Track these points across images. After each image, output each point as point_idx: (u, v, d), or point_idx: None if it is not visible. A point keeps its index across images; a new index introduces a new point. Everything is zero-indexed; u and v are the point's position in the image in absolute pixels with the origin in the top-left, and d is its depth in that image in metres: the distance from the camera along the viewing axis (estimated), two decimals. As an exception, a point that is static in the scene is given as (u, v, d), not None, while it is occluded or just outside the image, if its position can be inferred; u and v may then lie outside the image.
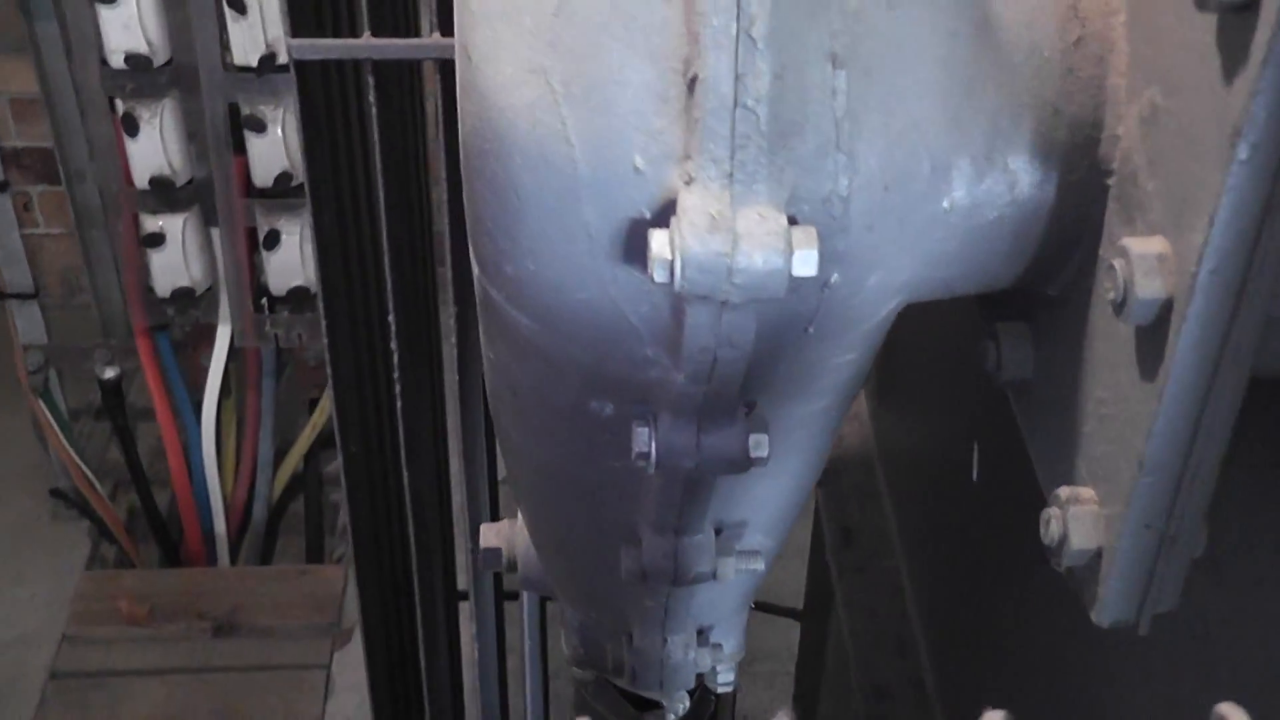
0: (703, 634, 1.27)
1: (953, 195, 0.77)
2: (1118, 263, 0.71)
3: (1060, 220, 0.79)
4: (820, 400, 0.92)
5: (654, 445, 0.89)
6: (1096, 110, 0.77)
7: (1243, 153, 0.64)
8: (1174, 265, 0.70)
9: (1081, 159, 0.78)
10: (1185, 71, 0.69)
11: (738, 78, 0.69)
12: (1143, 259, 0.71)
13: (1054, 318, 0.84)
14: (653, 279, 0.72)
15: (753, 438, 0.89)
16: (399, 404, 1.59)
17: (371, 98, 1.42)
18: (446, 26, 1.38)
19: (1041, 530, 0.82)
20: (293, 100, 1.43)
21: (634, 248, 0.75)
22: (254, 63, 2.79)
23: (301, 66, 1.40)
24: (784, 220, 0.71)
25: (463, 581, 1.85)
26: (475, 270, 0.87)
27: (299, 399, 3.69)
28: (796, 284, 0.71)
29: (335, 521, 3.69)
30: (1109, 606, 0.80)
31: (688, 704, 1.34)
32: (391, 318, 1.55)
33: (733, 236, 0.70)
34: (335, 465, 3.12)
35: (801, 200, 0.73)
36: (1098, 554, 0.80)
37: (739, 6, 0.68)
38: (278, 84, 2.81)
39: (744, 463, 0.90)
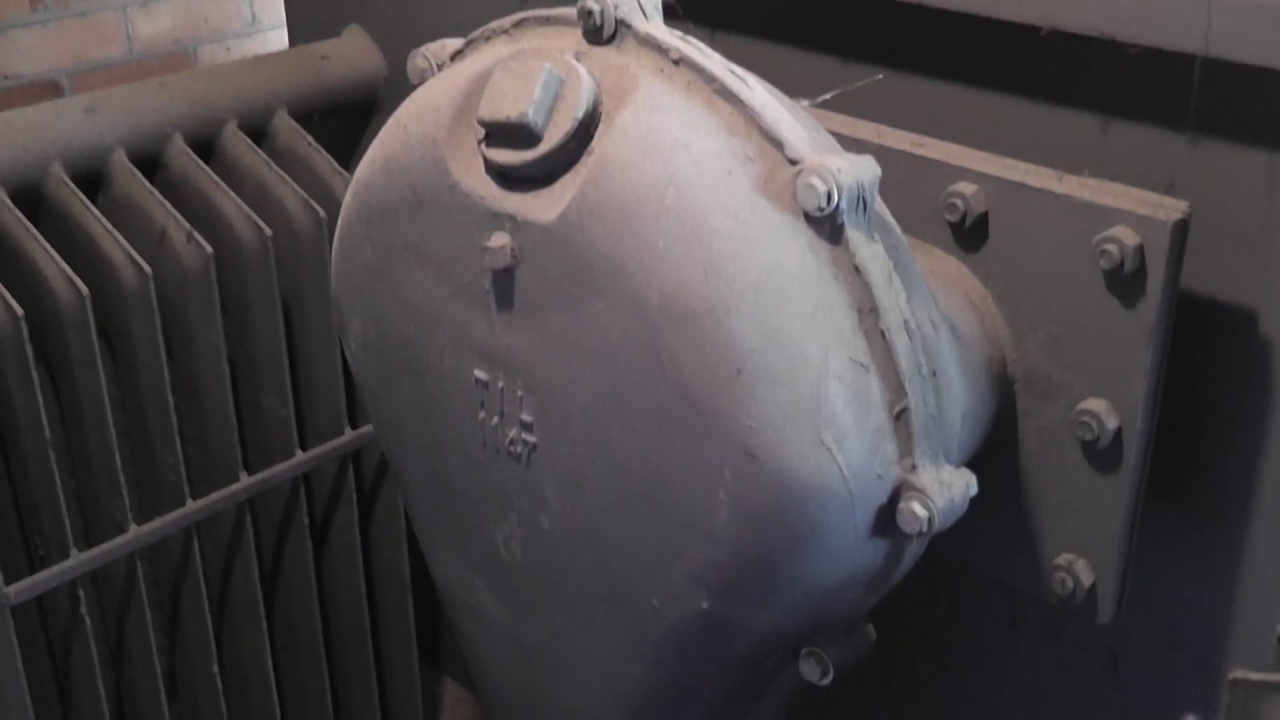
0: None
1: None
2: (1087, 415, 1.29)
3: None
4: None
5: (831, 666, 1.30)
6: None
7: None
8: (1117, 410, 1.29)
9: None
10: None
11: (925, 404, 1.16)
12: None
13: (998, 472, 1.39)
14: (908, 535, 1.16)
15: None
16: None
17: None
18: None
19: (1057, 587, 1.36)
20: None
21: (879, 526, 1.17)
22: None
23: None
24: (963, 472, 1.19)
25: None
26: (704, 605, 1.22)
27: None
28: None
29: None
30: (1107, 611, 1.37)
31: None
32: None
33: (950, 488, 1.17)
34: None
35: (949, 457, 1.22)
36: (1093, 586, 1.36)
37: (919, 362, 1.15)
38: None
39: (866, 653, 1.35)
